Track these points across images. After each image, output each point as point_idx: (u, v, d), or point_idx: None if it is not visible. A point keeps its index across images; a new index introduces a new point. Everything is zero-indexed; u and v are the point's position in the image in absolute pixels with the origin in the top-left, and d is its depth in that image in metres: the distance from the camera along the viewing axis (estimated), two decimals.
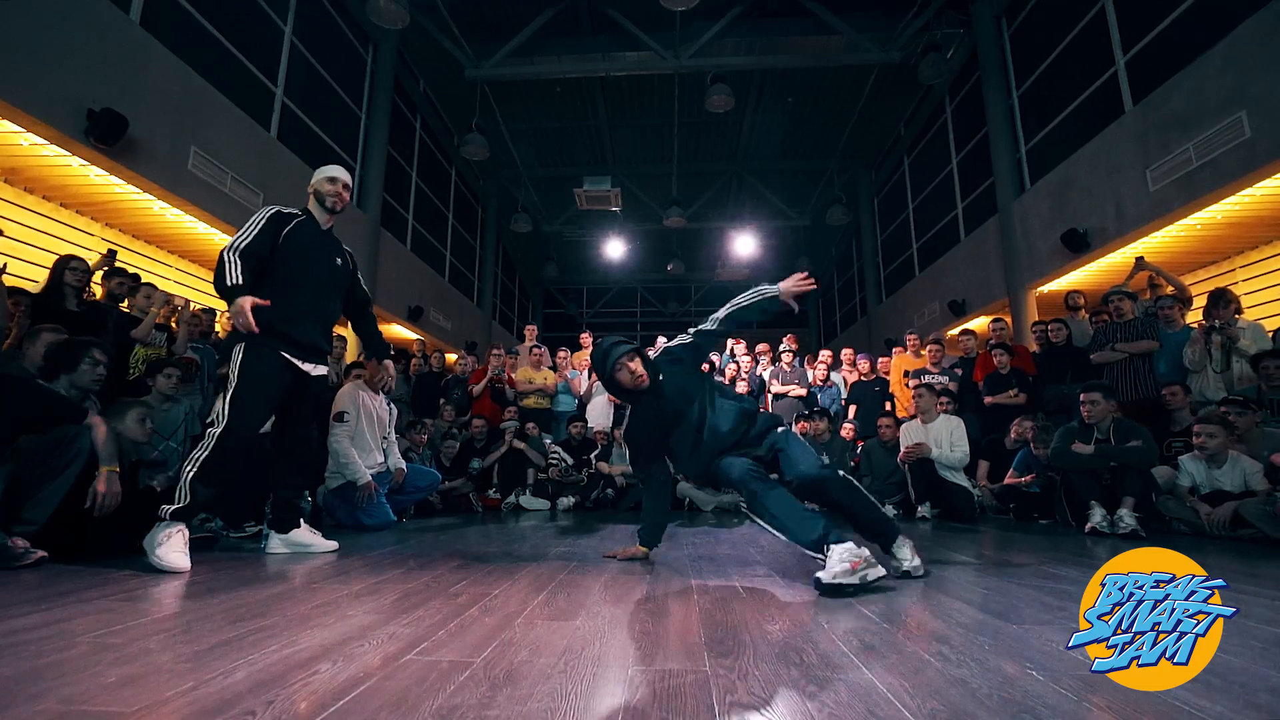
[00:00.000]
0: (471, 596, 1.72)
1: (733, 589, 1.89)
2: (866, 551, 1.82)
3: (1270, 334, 4.30)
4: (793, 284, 2.33)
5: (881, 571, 1.81)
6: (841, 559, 1.78)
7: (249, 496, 3.14)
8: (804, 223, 14.35)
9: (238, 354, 2.37)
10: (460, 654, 1.18)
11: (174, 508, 2.19)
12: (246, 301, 2.25)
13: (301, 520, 2.67)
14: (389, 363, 2.99)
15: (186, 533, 2.18)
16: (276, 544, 2.62)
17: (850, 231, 14.74)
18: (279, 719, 0.86)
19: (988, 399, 5.30)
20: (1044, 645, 1.27)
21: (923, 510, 4.55)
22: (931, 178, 10.98)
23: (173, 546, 2.11)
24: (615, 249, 14.33)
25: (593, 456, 5.57)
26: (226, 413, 2.28)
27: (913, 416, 4.96)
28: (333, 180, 2.72)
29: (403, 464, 4.14)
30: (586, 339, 7.64)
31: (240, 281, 2.32)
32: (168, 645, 1.20)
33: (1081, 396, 3.84)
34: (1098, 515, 3.47)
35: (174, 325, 4.40)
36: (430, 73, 10.68)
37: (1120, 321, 4.72)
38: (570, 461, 5.51)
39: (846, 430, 5.59)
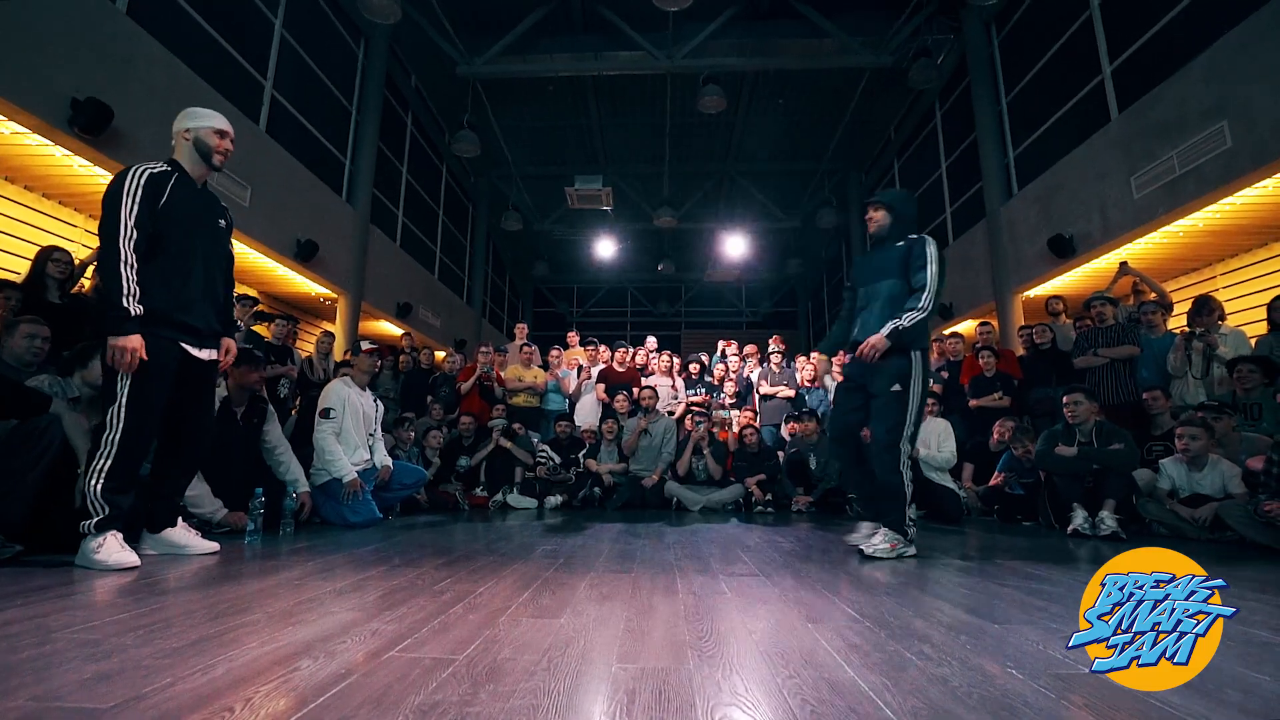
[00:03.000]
0: (456, 594, 1.71)
1: (718, 588, 1.90)
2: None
3: (1252, 341, 4.37)
4: None
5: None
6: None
7: (232, 489, 3.11)
8: (794, 224, 14.41)
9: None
10: (443, 651, 1.17)
11: (95, 520, 2.04)
12: (137, 345, 2.02)
13: (179, 519, 2.41)
14: (230, 342, 2.52)
15: (118, 533, 2.07)
16: (147, 545, 2.31)
17: (840, 234, 14.82)
18: (258, 715, 0.85)
19: (973, 402, 5.36)
20: (1024, 645, 1.29)
21: (909, 512, 4.58)
22: (921, 181, 11.06)
23: (110, 549, 2.01)
24: (606, 248, 14.32)
25: (581, 455, 5.56)
26: (122, 416, 2.07)
27: None
28: (221, 134, 2.35)
29: (389, 461, 4.11)
30: (574, 338, 7.64)
31: (137, 308, 2.05)
32: (146, 641, 1.19)
33: (1064, 399, 3.89)
34: (1079, 517, 3.51)
35: None
36: (422, 68, 10.62)
37: (1102, 327, 4.78)
38: (558, 460, 5.50)
39: None
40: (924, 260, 2.73)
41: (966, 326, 8.76)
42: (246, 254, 6.91)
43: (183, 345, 2.24)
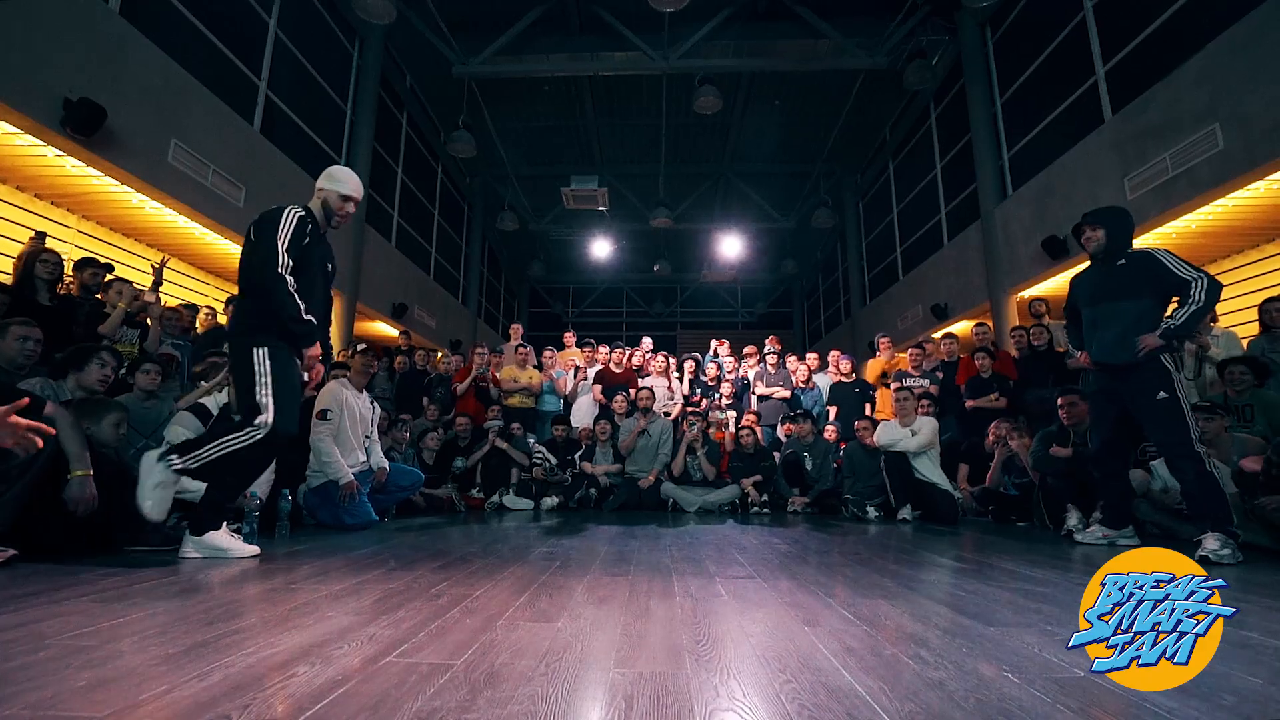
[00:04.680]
0: (453, 598, 1.71)
1: (714, 590, 1.90)
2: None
3: (1244, 342, 4.40)
4: None
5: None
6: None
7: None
8: (790, 225, 14.44)
9: (263, 357, 2.31)
10: (441, 656, 1.17)
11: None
12: (318, 354, 2.32)
13: (224, 523, 2.43)
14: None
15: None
16: (190, 548, 2.35)
17: (835, 235, 14.86)
18: None
19: (969, 403, 5.37)
20: (1020, 648, 1.29)
21: (903, 513, 4.60)
22: (916, 182, 11.10)
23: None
24: (602, 249, 14.32)
25: (577, 456, 5.56)
26: (271, 411, 2.25)
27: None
28: (347, 199, 2.59)
29: (385, 463, 4.10)
30: (570, 338, 7.63)
31: (309, 315, 2.32)
32: (142, 647, 1.18)
33: (1059, 400, 3.91)
34: (1074, 518, 3.53)
35: (147, 321, 4.32)
36: (417, 69, 10.59)
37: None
38: (554, 461, 5.49)
39: (830, 432, 5.63)
40: (1173, 264, 2.83)
41: (962, 327, 8.80)
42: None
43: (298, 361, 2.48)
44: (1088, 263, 3.23)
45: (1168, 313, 2.86)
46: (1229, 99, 5.04)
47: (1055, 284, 7.27)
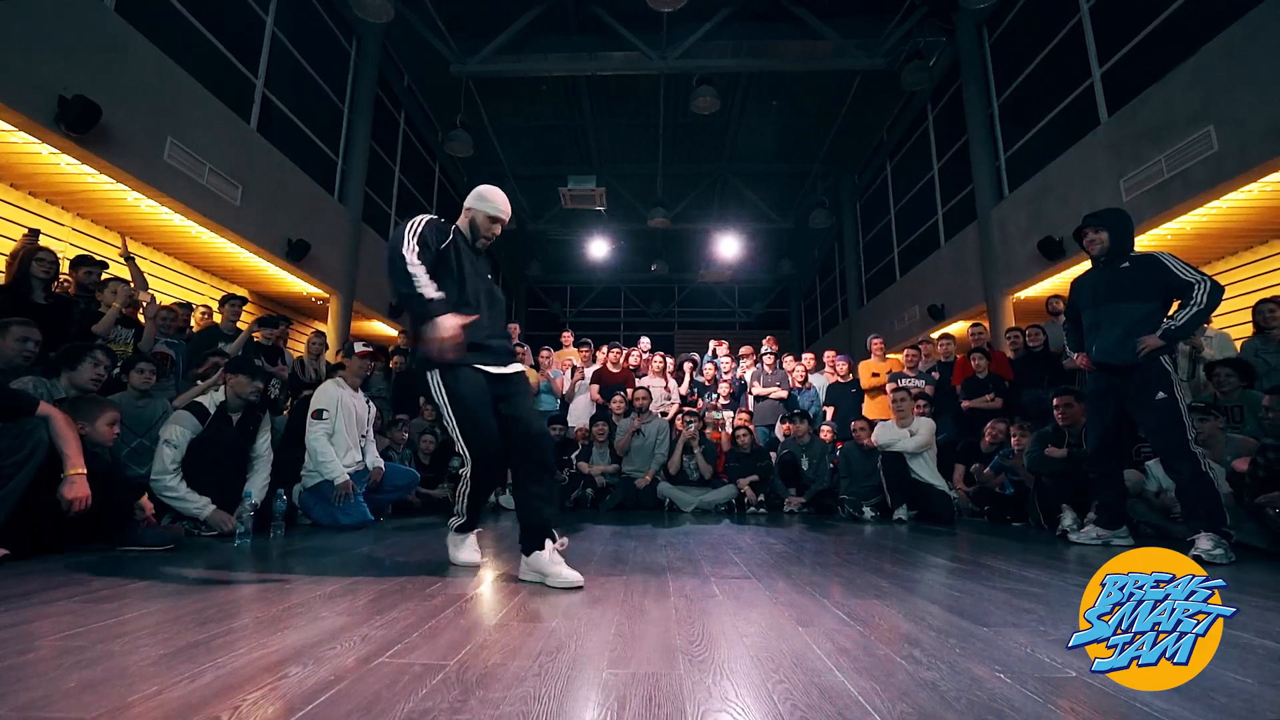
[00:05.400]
0: (447, 598, 1.71)
1: (709, 590, 1.90)
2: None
3: (1237, 343, 4.42)
4: None
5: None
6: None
7: (223, 494, 3.08)
8: (787, 226, 14.44)
9: (437, 383, 2.16)
10: (433, 657, 1.17)
11: (458, 522, 2.39)
12: (454, 321, 2.04)
13: (548, 540, 2.07)
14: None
15: (473, 537, 2.43)
16: (525, 570, 2.10)
17: (833, 235, 14.87)
18: None
19: (965, 403, 5.38)
20: (1012, 648, 1.29)
21: (899, 513, 4.61)
22: (913, 183, 11.11)
23: (466, 547, 2.39)
24: (599, 248, 14.31)
25: (573, 456, 5.55)
26: (466, 452, 2.20)
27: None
28: (495, 220, 2.44)
29: (381, 463, 4.10)
30: (568, 338, 7.63)
31: (438, 292, 2.11)
32: (133, 648, 1.18)
33: (1055, 400, 3.91)
34: (1068, 518, 3.54)
35: (140, 319, 4.30)
36: (415, 68, 10.57)
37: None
38: None
39: (825, 432, 5.64)
40: (1176, 267, 2.85)
41: (958, 328, 8.81)
42: (237, 254, 6.87)
43: (479, 368, 2.27)
44: (1087, 264, 3.24)
45: (1169, 314, 2.87)
46: (1223, 101, 5.05)
47: (1051, 285, 7.28)
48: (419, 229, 2.25)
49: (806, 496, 5.22)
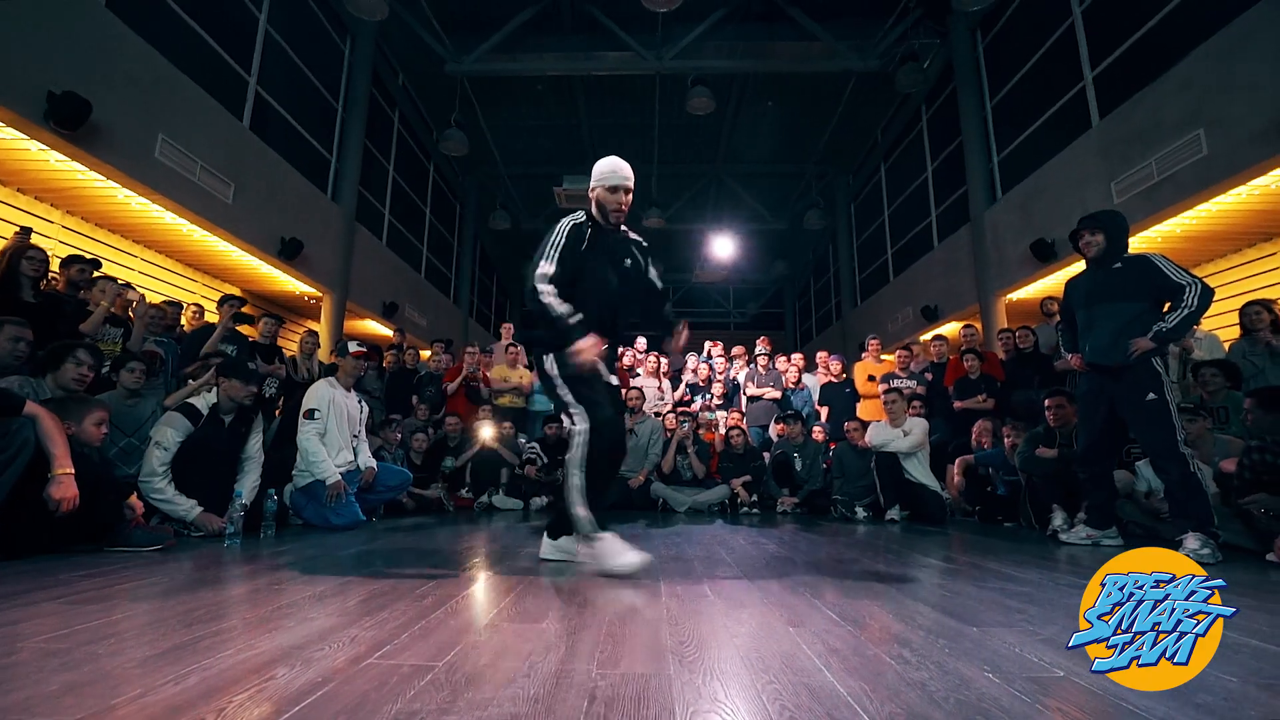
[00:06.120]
0: (438, 599, 1.70)
1: (701, 591, 1.90)
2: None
3: (1226, 345, 4.45)
4: None
5: None
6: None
7: (213, 496, 3.06)
8: (782, 226, 14.48)
9: (551, 362, 2.30)
10: (423, 657, 1.17)
11: (586, 525, 2.20)
12: (591, 348, 2.15)
13: (574, 528, 2.26)
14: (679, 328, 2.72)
15: (611, 535, 2.19)
16: (583, 553, 2.28)
17: (827, 236, 14.91)
18: None
19: (958, 404, 5.41)
20: (1001, 648, 1.30)
21: (892, 513, 4.63)
22: (907, 185, 11.16)
23: (615, 550, 2.12)
24: None
25: (568, 456, 5.54)
26: (580, 407, 2.23)
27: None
28: (615, 190, 2.41)
29: (373, 463, 4.08)
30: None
31: (574, 316, 2.20)
32: (117, 650, 1.17)
33: (1046, 402, 3.94)
34: (1059, 518, 3.56)
35: (130, 315, 4.27)
36: (410, 66, 10.54)
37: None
38: (545, 460, 5.48)
39: (818, 433, 5.65)
40: (1168, 269, 2.87)
41: (951, 329, 8.85)
42: (230, 252, 6.83)
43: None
44: (1080, 265, 3.26)
45: (1161, 316, 2.90)
46: (1212, 105, 5.10)
47: (1043, 286, 7.33)
48: (558, 250, 2.28)
49: (799, 497, 5.23)
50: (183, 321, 5.18)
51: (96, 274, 4.21)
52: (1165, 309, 2.89)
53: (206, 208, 6.04)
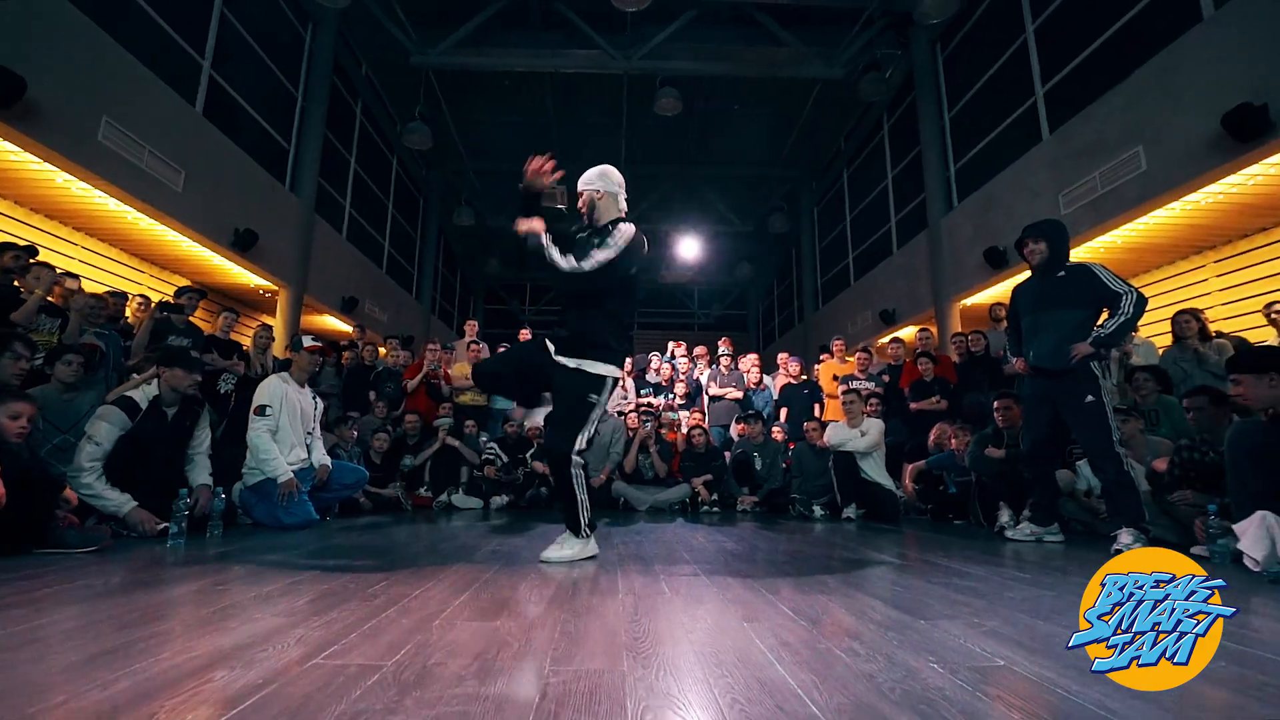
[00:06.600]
0: (390, 597, 1.66)
1: (658, 588, 1.91)
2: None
3: (1160, 350, 4.69)
4: None
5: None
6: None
7: (157, 494, 2.93)
8: (747, 229, 14.65)
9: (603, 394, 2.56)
10: (371, 657, 1.14)
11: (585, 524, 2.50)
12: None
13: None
14: None
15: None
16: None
17: (791, 240, 15.15)
18: None
19: (913, 405, 5.56)
20: (947, 639, 1.34)
21: (848, 511, 4.72)
22: (868, 191, 11.42)
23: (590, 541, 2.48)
24: None
25: (528, 455, 5.50)
26: (584, 444, 2.57)
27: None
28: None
29: (327, 460, 3.97)
30: (525, 335, 7.54)
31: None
32: (41, 656, 1.11)
33: (995, 404, 4.08)
34: (1005, 515, 3.70)
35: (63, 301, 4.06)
36: (374, 57, 10.30)
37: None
38: (505, 459, 5.43)
39: (777, 433, 5.73)
40: (1106, 278, 3.00)
41: (908, 332, 9.09)
42: (179, 242, 6.57)
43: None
44: (1028, 273, 3.39)
45: (1099, 322, 3.04)
46: (1151, 124, 5.37)
47: (995, 292, 7.59)
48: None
49: (759, 495, 5.30)
50: (128, 313, 4.95)
51: (33, 261, 4.00)
52: (1104, 316, 3.03)
53: (154, 195, 5.79)
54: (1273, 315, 4.22)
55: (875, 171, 11.13)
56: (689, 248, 14.11)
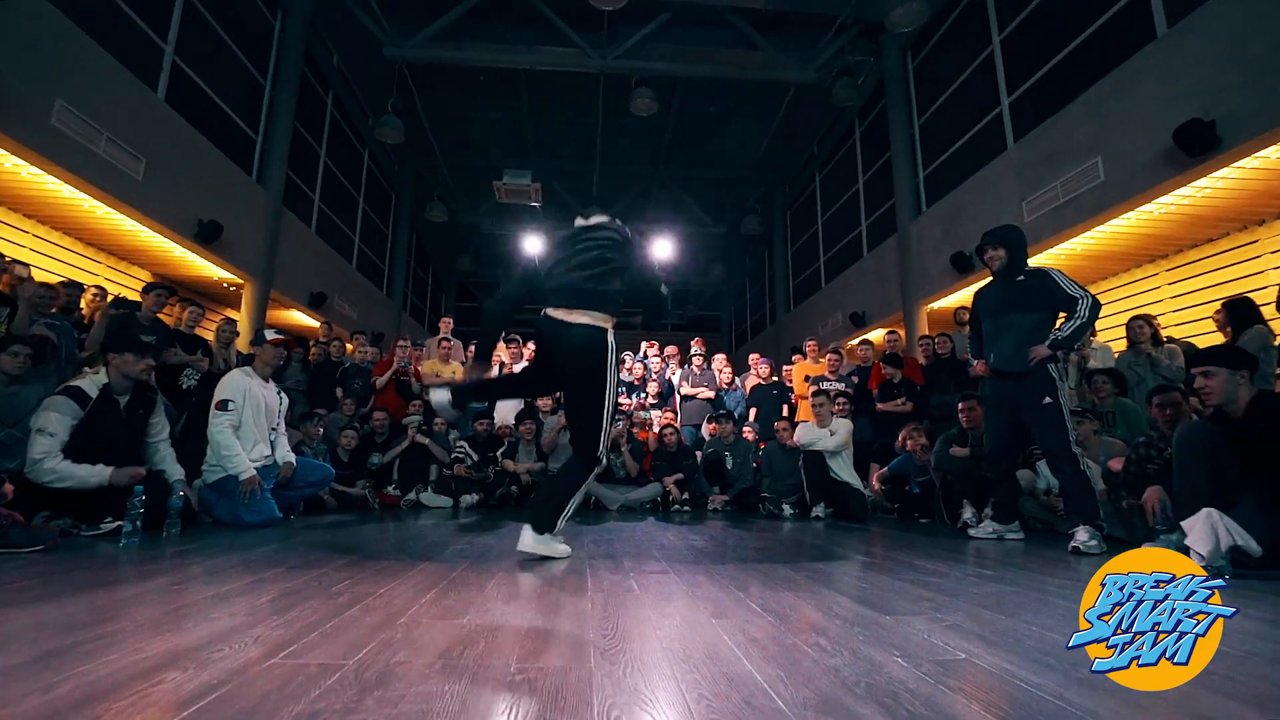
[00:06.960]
0: (354, 596, 1.63)
1: (627, 585, 1.90)
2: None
3: (1116, 354, 4.85)
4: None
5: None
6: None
7: (108, 490, 2.83)
8: (721, 230, 14.73)
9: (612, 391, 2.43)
10: (332, 656, 1.11)
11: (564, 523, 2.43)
12: None
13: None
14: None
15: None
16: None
17: (763, 242, 15.28)
18: None
19: (880, 406, 5.66)
20: (911, 634, 1.36)
21: (817, 510, 4.78)
22: (840, 195, 11.59)
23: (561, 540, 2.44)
24: (534, 244, 14.11)
25: (499, 454, 5.45)
26: (604, 444, 2.42)
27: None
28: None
29: (292, 457, 3.87)
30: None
31: None
32: None
33: (960, 405, 4.18)
34: (968, 513, 3.79)
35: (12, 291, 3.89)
36: (346, 48, 10.09)
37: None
38: (475, 458, 5.36)
39: (748, 432, 5.78)
40: (1064, 283, 3.10)
41: (876, 335, 9.25)
42: (138, 232, 6.35)
43: None
44: (990, 278, 3.48)
45: (1056, 326, 3.13)
46: (1109, 135, 5.55)
47: (961, 296, 7.76)
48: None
49: (730, 495, 5.33)
50: (82, 305, 4.76)
51: None
52: (1061, 319, 3.13)
53: (112, 183, 5.58)
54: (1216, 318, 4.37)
55: (847, 176, 11.30)
56: (662, 248, 14.11)
